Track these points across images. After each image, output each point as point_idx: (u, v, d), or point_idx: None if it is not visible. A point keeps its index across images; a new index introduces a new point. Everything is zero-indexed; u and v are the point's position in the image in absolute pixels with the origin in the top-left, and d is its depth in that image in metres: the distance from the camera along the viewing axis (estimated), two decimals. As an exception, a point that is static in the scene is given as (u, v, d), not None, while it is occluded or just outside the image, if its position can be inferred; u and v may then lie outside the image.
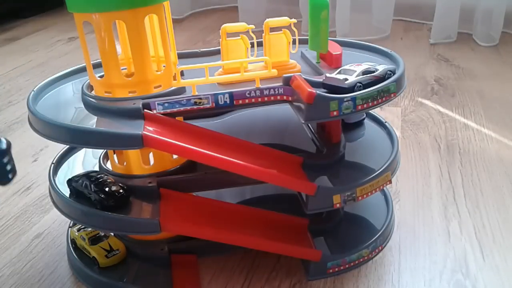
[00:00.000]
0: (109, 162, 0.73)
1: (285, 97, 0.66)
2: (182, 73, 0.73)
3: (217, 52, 0.80)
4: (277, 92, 0.65)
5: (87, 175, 0.67)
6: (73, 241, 0.74)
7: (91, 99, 0.65)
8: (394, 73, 0.67)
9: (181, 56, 0.80)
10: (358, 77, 0.63)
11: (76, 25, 0.63)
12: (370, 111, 0.81)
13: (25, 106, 1.09)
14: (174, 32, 0.70)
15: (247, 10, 1.95)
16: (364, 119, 0.83)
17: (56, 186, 0.69)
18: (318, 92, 0.60)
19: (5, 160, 0.52)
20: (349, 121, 0.81)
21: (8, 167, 0.53)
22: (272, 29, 0.71)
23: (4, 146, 0.52)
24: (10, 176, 0.53)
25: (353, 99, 0.61)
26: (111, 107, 0.62)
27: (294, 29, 0.72)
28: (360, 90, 0.62)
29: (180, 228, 0.65)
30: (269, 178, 0.63)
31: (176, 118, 0.65)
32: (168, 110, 0.63)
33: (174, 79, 0.66)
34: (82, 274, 0.70)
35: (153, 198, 0.66)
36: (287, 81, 0.65)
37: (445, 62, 1.54)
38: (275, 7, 1.99)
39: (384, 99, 0.64)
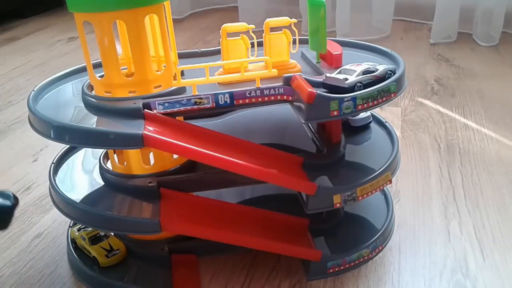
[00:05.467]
0: (109, 162, 0.73)
1: (285, 97, 0.66)
2: (182, 73, 0.73)
3: (217, 52, 0.80)
4: (277, 92, 0.65)
5: None
6: (73, 241, 0.74)
7: (91, 98, 0.65)
8: (394, 73, 0.67)
9: (181, 56, 0.80)
10: (358, 77, 0.63)
11: (76, 25, 0.63)
12: (370, 112, 0.81)
13: (25, 106, 1.09)
14: (174, 32, 0.70)
15: (247, 10, 1.95)
16: (370, 122, 0.82)
17: (56, 186, 0.69)
18: (318, 92, 0.60)
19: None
20: (355, 124, 0.81)
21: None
22: (272, 29, 0.71)
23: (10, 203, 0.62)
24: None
25: (354, 99, 0.61)
26: (111, 106, 0.62)
27: (294, 29, 0.72)
28: (360, 90, 0.62)
29: (180, 228, 0.65)
30: (269, 178, 0.63)
31: (177, 118, 0.65)
32: (169, 110, 0.63)
33: (174, 79, 0.66)
34: (82, 274, 0.70)
35: (153, 198, 0.66)
36: (287, 81, 0.65)
37: (445, 62, 1.54)
38: (275, 7, 1.99)
39: (384, 99, 0.64)
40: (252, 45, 0.76)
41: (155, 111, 0.63)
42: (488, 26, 1.67)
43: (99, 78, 0.65)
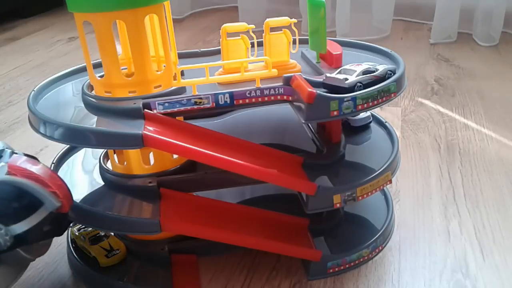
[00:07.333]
0: (109, 162, 0.73)
1: (285, 97, 0.66)
2: (182, 73, 0.73)
3: (217, 52, 0.80)
4: (277, 92, 0.65)
5: None
6: (73, 241, 0.74)
7: (91, 98, 0.65)
8: (394, 73, 0.67)
9: (181, 56, 0.80)
10: (358, 77, 0.63)
11: (76, 25, 0.63)
12: (370, 111, 0.81)
13: (25, 106, 1.09)
14: (174, 32, 0.70)
15: (247, 10, 1.95)
16: (370, 122, 0.82)
17: (56, 186, 0.69)
18: (318, 92, 0.60)
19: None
20: (355, 124, 0.81)
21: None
22: (272, 29, 0.71)
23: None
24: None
25: (354, 99, 0.61)
26: (111, 106, 0.62)
27: (294, 29, 0.72)
28: (360, 90, 0.62)
29: (180, 228, 0.65)
30: (269, 178, 0.63)
31: (177, 118, 0.65)
32: (169, 110, 0.63)
33: (175, 79, 0.66)
34: (82, 274, 0.71)
35: (153, 198, 0.66)
36: (287, 81, 0.65)
37: (445, 62, 1.54)
38: (275, 7, 1.99)
39: (384, 99, 0.64)
40: (252, 45, 0.76)
41: (155, 111, 0.63)
42: (488, 26, 1.67)
43: (99, 78, 0.65)
